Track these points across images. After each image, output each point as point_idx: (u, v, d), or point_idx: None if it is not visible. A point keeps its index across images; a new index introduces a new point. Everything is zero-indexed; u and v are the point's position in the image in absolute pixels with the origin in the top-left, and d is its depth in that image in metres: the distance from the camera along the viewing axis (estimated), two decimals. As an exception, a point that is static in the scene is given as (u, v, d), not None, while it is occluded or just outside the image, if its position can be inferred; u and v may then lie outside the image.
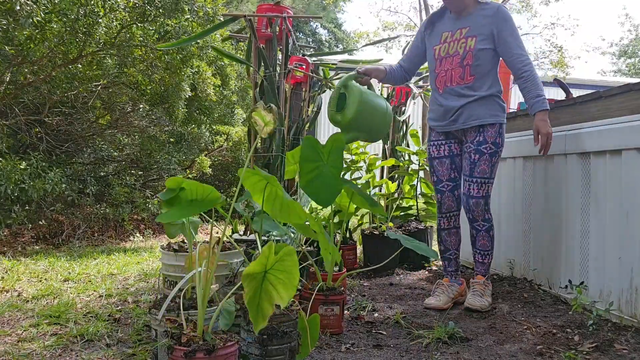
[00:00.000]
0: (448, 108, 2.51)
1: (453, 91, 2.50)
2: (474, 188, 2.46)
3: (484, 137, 2.45)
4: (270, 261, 1.35)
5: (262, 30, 2.90)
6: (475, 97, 2.45)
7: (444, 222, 2.64)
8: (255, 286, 1.35)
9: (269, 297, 1.36)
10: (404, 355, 1.88)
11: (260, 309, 1.35)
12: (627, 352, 1.86)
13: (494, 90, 2.47)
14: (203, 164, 5.52)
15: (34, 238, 4.36)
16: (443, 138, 2.60)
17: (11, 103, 3.88)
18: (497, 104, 2.48)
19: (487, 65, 2.45)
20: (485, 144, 2.44)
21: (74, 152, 4.85)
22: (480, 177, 2.45)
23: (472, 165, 2.46)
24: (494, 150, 2.45)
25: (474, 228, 2.55)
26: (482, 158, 2.44)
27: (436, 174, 2.63)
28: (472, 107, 2.46)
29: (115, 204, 4.62)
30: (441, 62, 2.52)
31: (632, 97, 2.23)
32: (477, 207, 2.47)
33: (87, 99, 4.45)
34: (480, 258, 2.59)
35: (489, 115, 2.45)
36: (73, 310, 2.30)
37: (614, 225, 2.22)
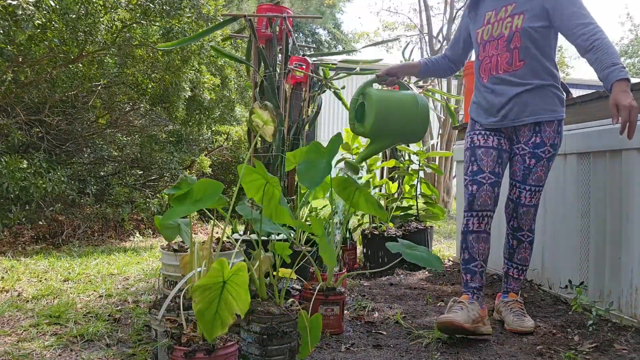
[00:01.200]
0: (494, 102, 2.15)
1: (499, 80, 2.13)
2: (527, 196, 2.15)
3: (541, 138, 2.09)
4: (226, 273, 1.37)
5: (262, 30, 2.90)
6: (527, 87, 2.07)
7: (474, 222, 2.16)
8: (212, 296, 1.36)
9: (229, 306, 1.37)
10: (404, 355, 1.88)
11: (220, 317, 1.36)
12: (627, 352, 1.86)
13: (549, 79, 2.09)
14: (203, 163, 5.53)
15: (34, 238, 4.36)
16: (491, 131, 2.21)
17: (12, 103, 3.88)
18: (555, 96, 2.11)
19: (540, 47, 2.06)
20: (543, 147, 2.09)
21: (74, 152, 4.85)
22: (535, 185, 2.14)
23: (526, 171, 2.13)
24: (552, 154, 2.12)
25: (516, 238, 2.23)
26: (538, 164, 2.11)
27: (478, 162, 2.18)
28: (524, 100, 2.08)
29: (115, 204, 4.62)
30: (485, 46, 2.17)
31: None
32: (527, 216, 2.18)
33: (88, 99, 4.45)
34: (517, 273, 2.27)
35: (546, 109, 2.08)
36: (73, 310, 2.30)
37: (614, 226, 2.22)
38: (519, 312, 2.18)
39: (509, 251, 2.27)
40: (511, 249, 2.26)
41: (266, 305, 1.71)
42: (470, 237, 2.16)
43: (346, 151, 3.85)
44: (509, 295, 2.27)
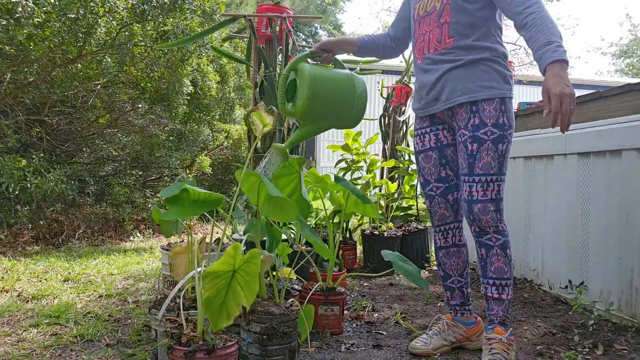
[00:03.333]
0: (424, 82, 1.89)
1: (430, 60, 1.87)
2: (478, 189, 1.79)
3: (480, 118, 1.77)
4: (237, 262, 1.35)
5: (262, 30, 2.90)
6: (456, 63, 1.80)
7: (440, 238, 1.99)
8: (221, 285, 1.34)
9: (236, 297, 1.35)
10: (404, 356, 1.88)
11: (226, 308, 1.35)
12: (627, 352, 1.86)
13: (485, 53, 1.80)
14: (203, 163, 5.53)
15: (34, 238, 4.36)
16: (427, 124, 1.96)
17: (11, 103, 3.88)
18: (494, 71, 1.80)
19: (472, 21, 1.80)
20: (484, 128, 1.77)
21: (74, 152, 4.85)
22: (484, 174, 1.78)
23: (470, 158, 1.79)
24: (498, 135, 1.77)
25: (483, 245, 1.83)
26: (482, 147, 1.77)
27: (422, 172, 1.98)
28: (455, 78, 1.81)
29: (115, 204, 4.62)
30: (420, 23, 1.93)
31: (632, 97, 2.23)
32: (485, 215, 1.78)
33: (87, 98, 4.45)
34: (496, 292, 1.81)
35: (482, 86, 1.78)
36: (73, 310, 2.30)
37: (614, 226, 2.22)
38: (500, 355, 1.72)
39: (481, 265, 1.85)
40: (482, 261, 1.84)
41: (266, 305, 1.71)
42: (440, 253, 2.00)
43: (346, 152, 3.85)
44: (493, 330, 1.79)
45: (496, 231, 1.81)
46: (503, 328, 1.78)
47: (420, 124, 2.00)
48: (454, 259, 1.98)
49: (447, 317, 1.99)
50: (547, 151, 2.69)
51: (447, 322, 1.96)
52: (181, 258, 1.83)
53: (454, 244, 1.98)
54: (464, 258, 1.99)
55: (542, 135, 2.76)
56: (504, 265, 1.80)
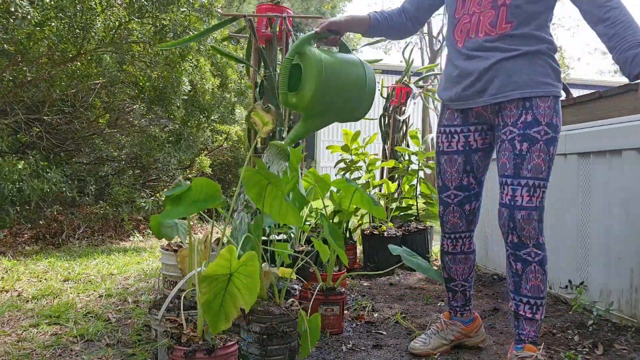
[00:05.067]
0: (468, 70, 1.68)
1: (478, 46, 1.66)
2: (523, 194, 1.60)
3: (534, 115, 1.60)
4: (234, 264, 1.34)
5: (262, 30, 2.90)
6: (513, 53, 1.61)
7: (448, 244, 1.88)
8: (218, 289, 1.34)
9: (234, 300, 1.35)
10: (404, 356, 1.88)
11: (224, 311, 1.35)
12: (627, 352, 1.86)
13: (543, 45, 1.63)
14: (203, 163, 5.53)
15: (34, 238, 4.36)
16: (459, 122, 1.76)
17: (11, 101, 3.88)
18: (549, 66, 1.64)
19: (535, 9, 1.62)
20: (538, 126, 1.60)
21: (74, 152, 4.85)
22: (532, 177, 1.59)
23: (518, 159, 1.61)
24: (551, 136, 1.61)
25: (519, 259, 1.63)
26: (534, 147, 1.59)
27: (442, 176, 1.82)
28: (509, 69, 1.62)
29: (114, 203, 4.62)
30: (466, 1, 1.71)
31: (632, 97, 2.23)
32: (528, 224, 1.59)
33: (87, 98, 4.45)
34: (529, 312, 1.65)
35: (538, 82, 1.61)
36: (73, 310, 2.30)
37: (614, 226, 2.22)
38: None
39: (514, 280, 1.66)
40: (516, 276, 1.65)
41: (266, 305, 1.71)
42: (447, 258, 1.90)
43: (345, 152, 3.85)
44: (524, 348, 1.64)
45: (536, 245, 1.62)
46: (534, 344, 1.65)
47: (450, 120, 1.79)
48: (460, 266, 1.88)
49: (445, 316, 1.95)
50: (547, 151, 2.69)
51: (445, 320, 1.93)
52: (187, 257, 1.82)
53: (463, 251, 1.87)
54: (471, 264, 1.89)
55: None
56: (541, 284, 1.63)
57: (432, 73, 4.43)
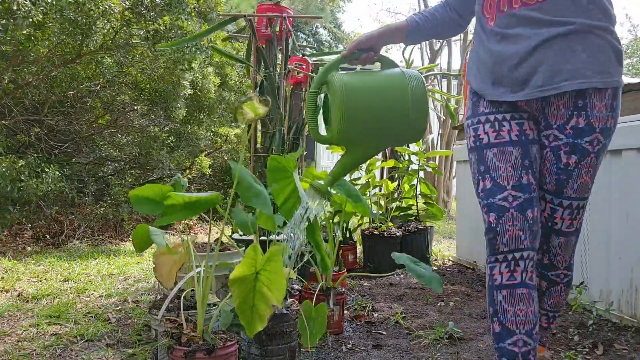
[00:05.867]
0: (507, 53, 1.31)
1: (516, 19, 1.29)
2: (565, 217, 1.37)
3: (587, 118, 1.27)
4: (259, 262, 1.33)
5: (262, 30, 2.91)
6: (564, 27, 1.24)
7: (503, 271, 1.33)
8: (247, 289, 1.32)
9: (265, 298, 1.32)
10: (404, 356, 1.88)
11: (257, 311, 1.32)
12: (627, 352, 1.86)
13: (602, 18, 1.25)
14: (203, 164, 5.52)
15: (34, 238, 4.36)
16: (505, 109, 1.37)
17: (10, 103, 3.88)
18: (609, 47, 1.27)
19: None
20: (590, 135, 1.28)
21: (74, 152, 4.84)
22: (577, 198, 1.35)
23: (563, 175, 1.34)
24: (603, 145, 1.31)
25: (546, 278, 1.48)
26: (583, 162, 1.31)
27: (492, 174, 1.35)
28: (560, 52, 1.24)
29: (114, 203, 4.62)
30: None
31: (632, 97, 2.23)
32: (565, 251, 1.42)
33: (87, 99, 4.45)
34: (545, 322, 1.55)
35: (597, 70, 1.24)
36: (73, 310, 2.30)
37: (614, 225, 2.23)
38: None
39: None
40: (539, 292, 1.49)
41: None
42: (500, 295, 1.32)
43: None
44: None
45: (567, 267, 1.46)
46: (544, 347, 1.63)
47: (493, 107, 1.38)
48: (522, 306, 1.30)
49: None
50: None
51: None
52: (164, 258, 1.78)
53: (525, 282, 1.30)
54: (535, 307, 1.32)
55: (542, 135, 2.76)
56: (563, 300, 1.52)
57: (432, 73, 4.44)
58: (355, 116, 1.36)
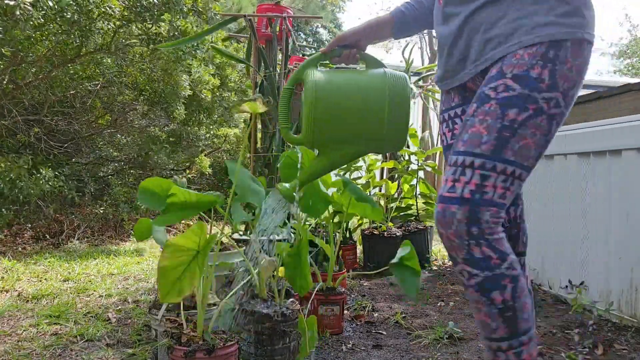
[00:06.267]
0: (444, 35, 1.23)
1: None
2: (448, 177, 1.09)
3: (500, 67, 1.09)
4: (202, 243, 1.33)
5: (262, 30, 2.91)
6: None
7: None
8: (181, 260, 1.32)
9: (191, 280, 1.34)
10: (404, 356, 1.88)
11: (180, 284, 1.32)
12: (627, 352, 1.86)
13: None
14: (203, 164, 5.52)
15: (34, 238, 4.36)
16: (458, 101, 1.29)
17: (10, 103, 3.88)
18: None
19: None
20: (498, 79, 1.08)
21: (74, 152, 4.84)
22: (465, 153, 1.08)
23: (461, 128, 1.15)
24: (516, 94, 1.06)
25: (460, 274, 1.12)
26: (480, 110, 1.08)
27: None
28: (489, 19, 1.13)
29: (114, 203, 4.62)
30: None
31: (631, 97, 2.23)
32: (453, 227, 1.05)
33: (86, 99, 4.45)
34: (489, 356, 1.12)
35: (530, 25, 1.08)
36: (73, 310, 2.30)
37: (614, 226, 2.23)
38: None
39: None
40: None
41: (266, 305, 1.71)
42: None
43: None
44: None
45: (467, 260, 1.06)
46: None
47: (447, 103, 1.32)
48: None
49: None
50: (547, 151, 2.69)
51: None
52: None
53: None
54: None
55: (542, 135, 2.76)
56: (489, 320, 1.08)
57: (432, 73, 4.44)
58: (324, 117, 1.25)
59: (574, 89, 1.10)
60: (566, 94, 1.08)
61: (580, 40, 1.09)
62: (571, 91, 1.09)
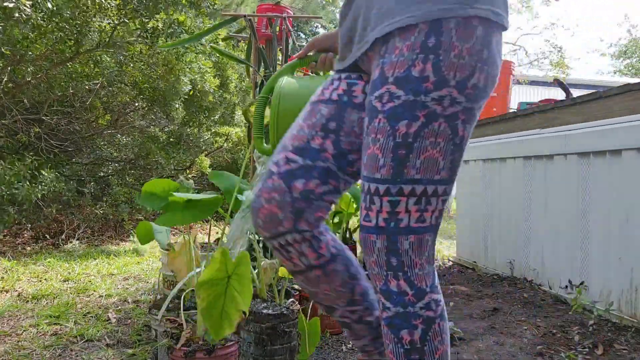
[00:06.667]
0: (340, 17, 1.09)
1: None
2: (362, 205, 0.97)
3: (382, 67, 0.92)
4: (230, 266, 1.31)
5: (262, 30, 2.91)
6: None
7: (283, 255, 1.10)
8: (217, 293, 1.30)
9: (235, 303, 1.31)
10: (404, 355, 1.88)
11: (227, 315, 1.30)
12: (627, 352, 1.86)
13: None
14: (203, 164, 5.52)
15: (34, 238, 4.36)
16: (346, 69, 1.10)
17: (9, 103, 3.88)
18: None
19: None
20: (382, 87, 0.92)
21: (74, 152, 4.84)
22: (367, 178, 0.95)
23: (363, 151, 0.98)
24: (402, 102, 0.89)
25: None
26: (371, 127, 0.94)
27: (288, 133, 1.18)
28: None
29: (114, 204, 4.62)
30: None
31: (632, 97, 2.23)
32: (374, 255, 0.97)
33: (86, 98, 4.45)
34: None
35: (406, 3, 0.90)
36: (73, 310, 2.30)
37: (614, 226, 2.22)
38: None
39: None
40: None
41: (266, 306, 1.70)
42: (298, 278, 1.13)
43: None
44: None
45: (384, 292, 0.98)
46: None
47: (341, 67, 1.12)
48: (324, 286, 1.14)
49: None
50: (547, 151, 2.70)
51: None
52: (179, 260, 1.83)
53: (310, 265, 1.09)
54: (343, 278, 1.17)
55: (543, 135, 2.76)
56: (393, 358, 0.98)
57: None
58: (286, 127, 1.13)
59: (475, 77, 0.89)
60: (463, 85, 0.88)
61: (467, 18, 0.88)
62: (470, 80, 0.88)
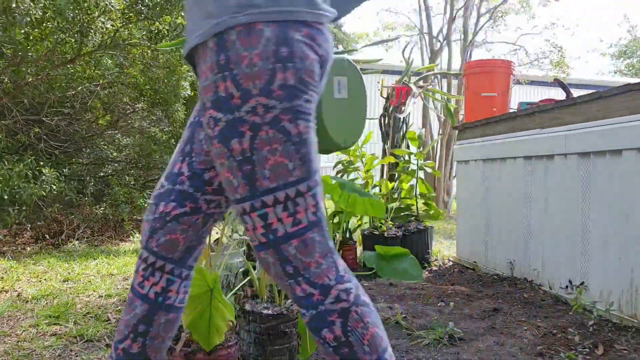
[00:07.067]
0: None
1: None
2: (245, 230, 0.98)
3: (201, 94, 0.95)
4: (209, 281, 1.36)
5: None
6: None
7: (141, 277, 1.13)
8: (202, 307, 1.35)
9: (221, 313, 1.36)
10: (404, 356, 1.88)
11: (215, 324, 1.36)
12: (627, 352, 1.86)
13: None
14: (203, 164, 5.52)
15: (34, 238, 4.36)
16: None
17: (10, 103, 3.88)
18: None
19: None
20: (205, 113, 0.93)
21: (74, 153, 4.84)
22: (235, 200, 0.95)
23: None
24: (227, 124, 0.89)
25: None
26: (214, 154, 0.94)
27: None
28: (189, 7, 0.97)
29: (114, 204, 4.62)
30: None
31: (632, 97, 2.23)
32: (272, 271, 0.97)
33: (87, 99, 4.45)
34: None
35: (202, 17, 0.91)
36: (73, 311, 2.30)
37: (614, 226, 2.22)
38: None
39: None
40: None
41: (266, 306, 1.70)
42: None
43: (343, 153, 3.85)
44: None
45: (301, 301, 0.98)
46: None
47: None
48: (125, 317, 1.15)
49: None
50: (547, 151, 2.70)
51: None
52: None
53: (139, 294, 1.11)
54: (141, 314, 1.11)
55: (543, 135, 2.76)
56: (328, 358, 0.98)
57: (432, 73, 4.44)
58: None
59: (278, 78, 0.86)
60: (267, 90, 0.86)
61: (248, 25, 0.85)
62: (274, 83, 0.86)
